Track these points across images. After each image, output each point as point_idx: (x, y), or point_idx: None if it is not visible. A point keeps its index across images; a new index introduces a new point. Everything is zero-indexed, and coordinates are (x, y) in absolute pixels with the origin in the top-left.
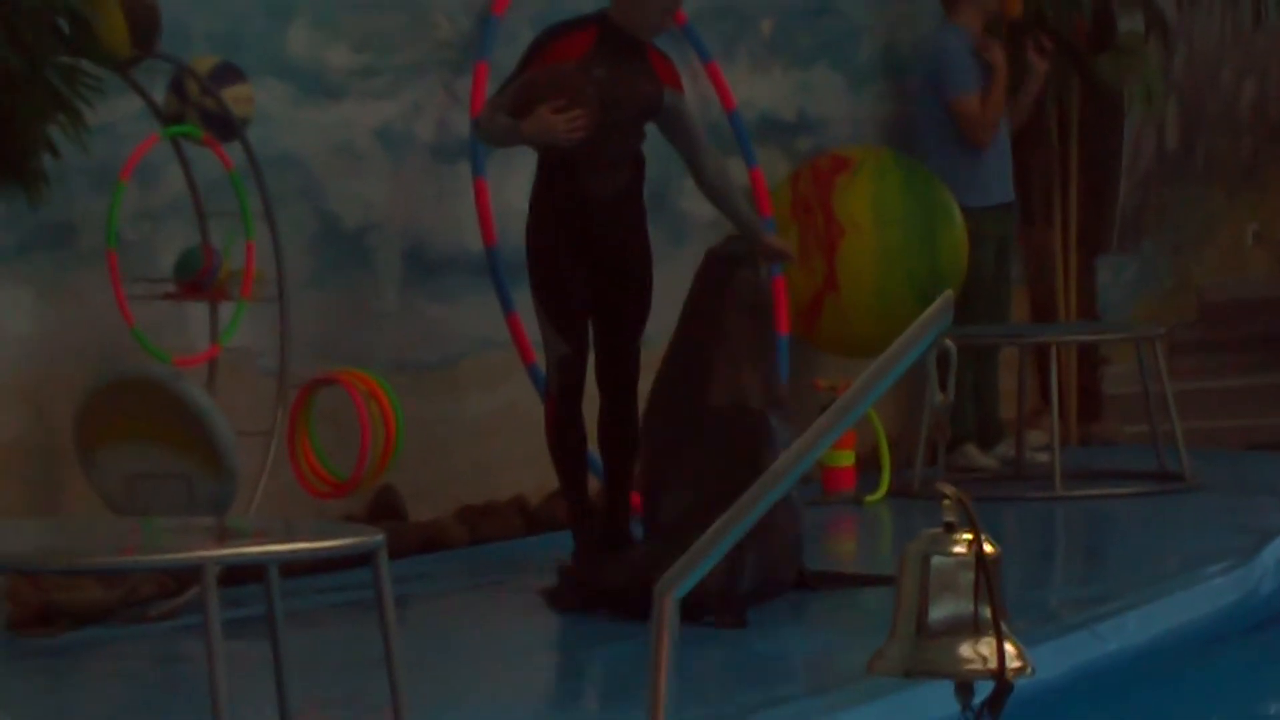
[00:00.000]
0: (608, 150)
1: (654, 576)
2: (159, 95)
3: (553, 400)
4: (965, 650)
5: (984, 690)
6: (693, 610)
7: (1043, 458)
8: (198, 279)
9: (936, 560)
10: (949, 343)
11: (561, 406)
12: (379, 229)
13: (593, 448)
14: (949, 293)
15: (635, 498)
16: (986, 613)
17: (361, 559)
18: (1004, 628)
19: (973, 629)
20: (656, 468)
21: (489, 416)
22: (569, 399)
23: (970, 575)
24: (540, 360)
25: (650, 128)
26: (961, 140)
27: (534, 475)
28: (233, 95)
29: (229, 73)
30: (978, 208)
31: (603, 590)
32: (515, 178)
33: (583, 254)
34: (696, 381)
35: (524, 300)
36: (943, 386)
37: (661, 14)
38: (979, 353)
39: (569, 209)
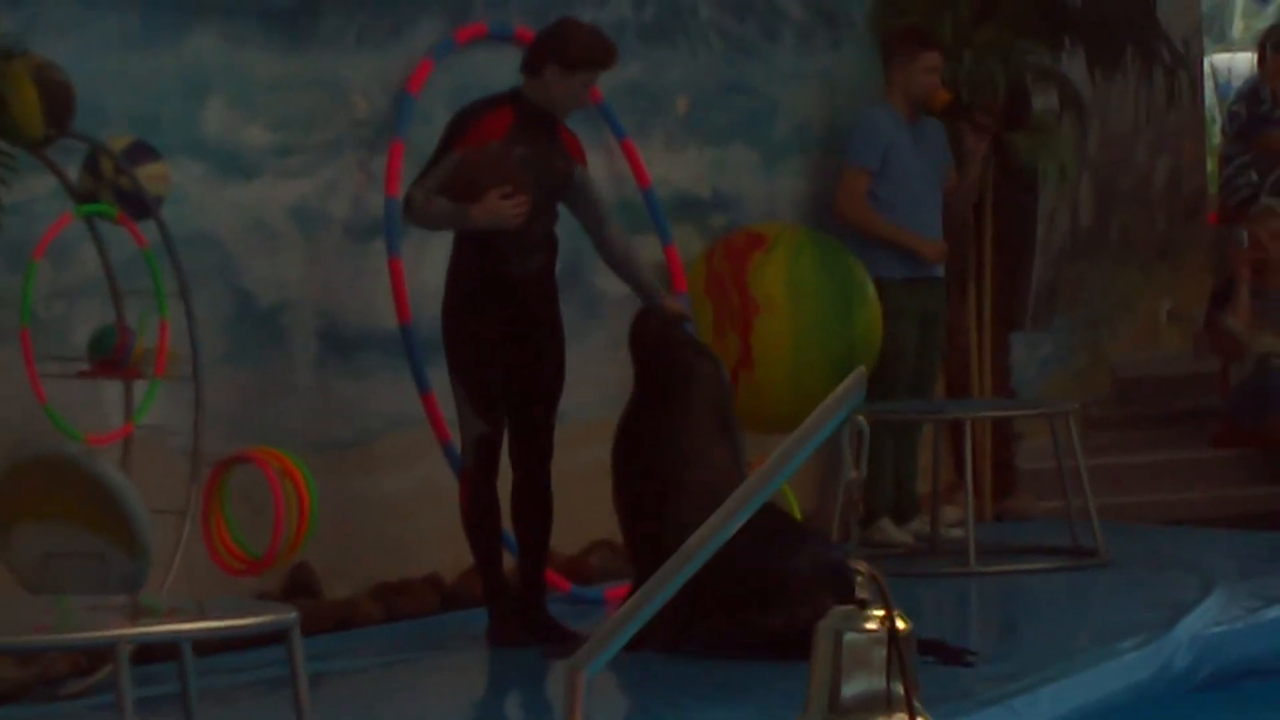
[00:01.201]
0: (528, 230)
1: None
2: (73, 174)
3: (468, 478)
4: None
5: None
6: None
7: (957, 533)
8: (112, 357)
9: (849, 636)
10: (862, 419)
11: (478, 485)
12: (294, 307)
13: (506, 525)
14: (861, 369)
15: (550, 574)
16: (899, 689)
17: (275, 637)
18: (916, 703)
19: (885, 705)
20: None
21: (404, 494)
22: (485, 477)
23: (883, 651)
24: (455, 438)
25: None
26: (888, 212)
27: (449, 552)
28: (147, 174)
29: (143, 151)
30: (898, 280)
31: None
32: (430, 256)
33: (502, 333)
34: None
35: (439, 379)
36: (856, 462)
37: (578, 93)
38: (899, 428)
39: (489, 289)
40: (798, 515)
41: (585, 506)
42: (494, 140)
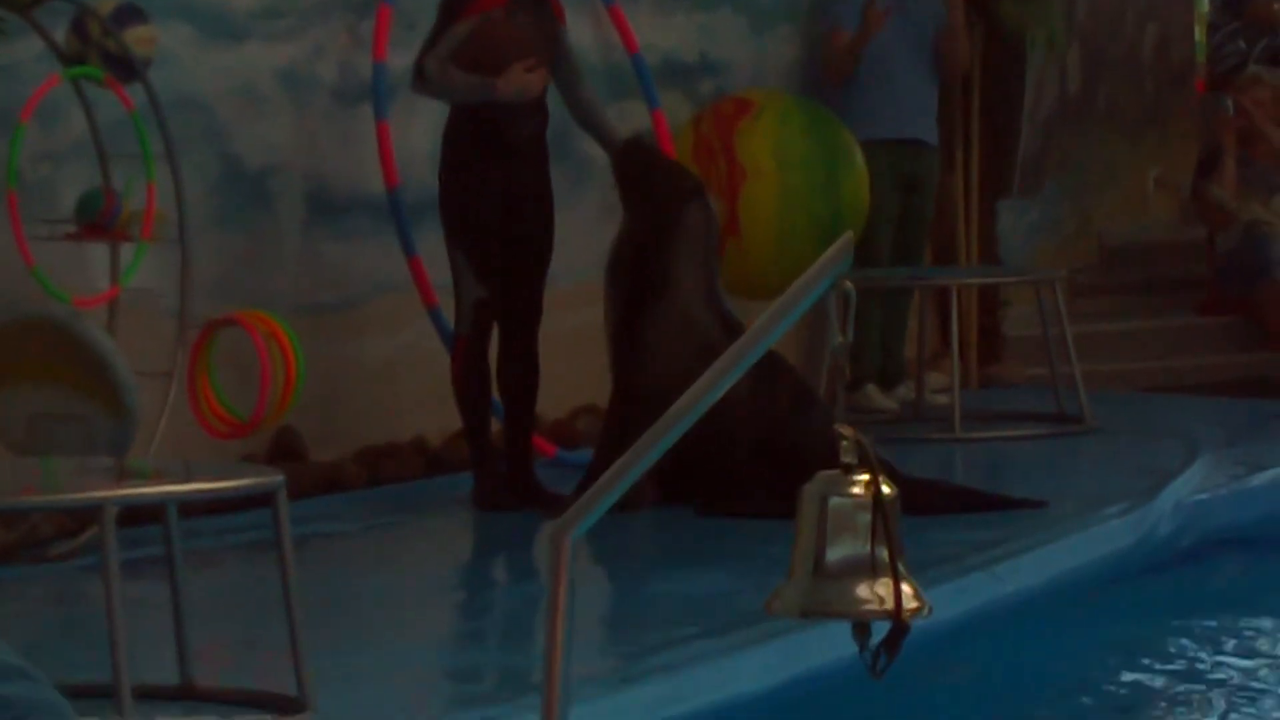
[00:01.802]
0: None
1: None
2: (60, 36)
3: (464, 342)
4: (862, 591)
5: (882, 631)
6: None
7: (943, 399)
8: (98, 220)
9: (834, 501)
10: (849, 284)
11: (472, 349)
12: (281, 171)
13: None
14: (849, 234)
15: (536, 439)
16: (884, 554)
17: (261, 499)
18: (901, 568)
19: (870, 570)
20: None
21: (390, 358)
22: (480, 342)
23: (868, 516)
24: (443, 304)
25: None
26: (865, 77)
27: (435, 417)
28: (134, 36)
29: (130, 14)
30: (874, 142)
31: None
32: (417, 121)
33: (497, 198)
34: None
35: (425, 244)
36: (842, 328)
37: None
38: (888, 295)
39: (485, 154)
40: None
41: (572, 371)
42: (496, 8)
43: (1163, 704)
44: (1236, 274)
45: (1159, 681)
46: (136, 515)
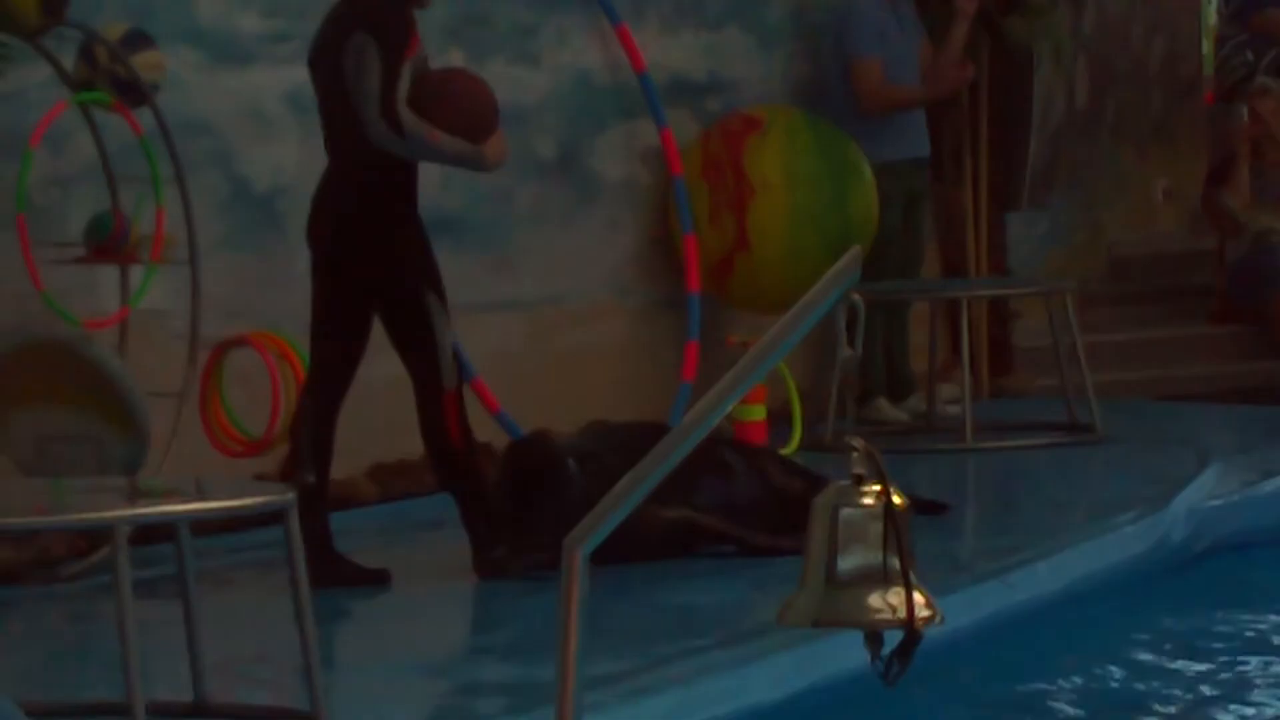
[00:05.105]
0: None
1: None
2: (69, 62)
3: (457, 396)
4: (874, 600)
5: (894, 640)
6: None
7: (954, 411)
8: (108, 243)
9: (845, 512)
10: (857, 297)
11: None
12: (289, 192)
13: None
14: (856, 248)
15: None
16: (896, 563)
17: (273, 517)
18: (913, 577)
19: (882, 579)
20: None
21: (400, 375)
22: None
23: (879, 526)
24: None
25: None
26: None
27: None
28: (142, 62)
29: (138, 39)
30: (882, 164)
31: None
32: None
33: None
34: None
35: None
36: (850, 341)
37: None
38: (889, 308)
39: (396, 214)
40: (794, 394)
41: (580, 388)
42: (421, 51)
43: (1177, 709)
44: (1246, 283)
45: (1173, 687)
46: (149, 534)
